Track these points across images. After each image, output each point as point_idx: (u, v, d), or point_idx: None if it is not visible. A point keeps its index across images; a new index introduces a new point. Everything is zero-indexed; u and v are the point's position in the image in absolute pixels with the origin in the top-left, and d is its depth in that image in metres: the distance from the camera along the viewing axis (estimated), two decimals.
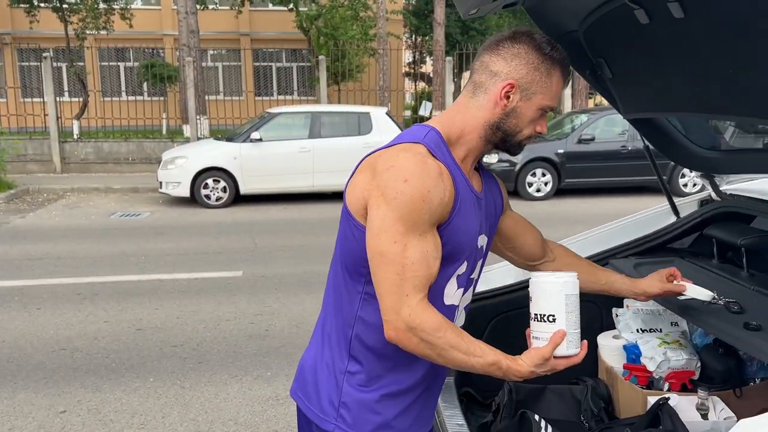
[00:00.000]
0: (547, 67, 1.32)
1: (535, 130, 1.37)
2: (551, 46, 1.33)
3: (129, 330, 4.63)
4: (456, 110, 1.36)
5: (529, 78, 1.32)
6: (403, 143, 1.27)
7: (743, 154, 2.06)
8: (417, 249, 1.19)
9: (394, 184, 1.19)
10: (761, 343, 1.46)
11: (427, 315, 1.19)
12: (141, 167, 13.62)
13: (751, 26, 1.31)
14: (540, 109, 1.34)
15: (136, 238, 7.78)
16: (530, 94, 1.32)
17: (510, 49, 1.33)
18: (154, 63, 18.31)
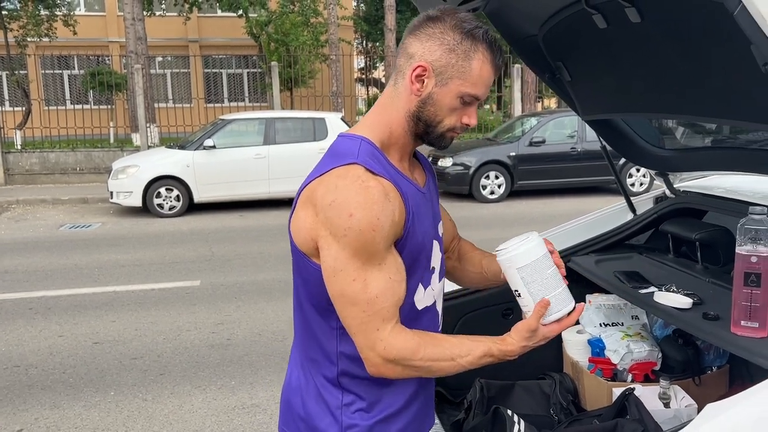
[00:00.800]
0: (466, 48, 1.18)
1: (461, 121, 1.23)
2: (473, 24, 1.19)
3: (86, 344, 4.51)
4: (381, 107, 1.25)
5: (444, 60, 1.18)
6: (338, 168, 1.16)
7: (694, 152, 2.16)
8: (379, 280, 1.13)
9: (340, 221, 1.11)
10: (719, 332, 1.54)
11: (401, 343, 1.14)
12: (90, 177, 13.26)
13: (703, 31, 1.38)
14: (460, 97, 1.20)
15: (88, 249, 7.57)
16: (446, 79, 1.19)
17: (427, 28, 1.20)
18: (100, 71, 17.86)
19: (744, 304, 1.47)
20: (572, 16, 1.70)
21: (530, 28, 1.91)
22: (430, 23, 1.20)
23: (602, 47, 1.75)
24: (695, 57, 1.49)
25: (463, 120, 1.24)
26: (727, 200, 2.07)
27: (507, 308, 2.21)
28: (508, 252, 1.24)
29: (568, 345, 2.16)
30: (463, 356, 1.18)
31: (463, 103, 1.21)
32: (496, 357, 1.20)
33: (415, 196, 1.23)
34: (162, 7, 20.20)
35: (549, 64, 2.04)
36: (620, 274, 1.99)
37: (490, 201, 10.70)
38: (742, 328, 1.47)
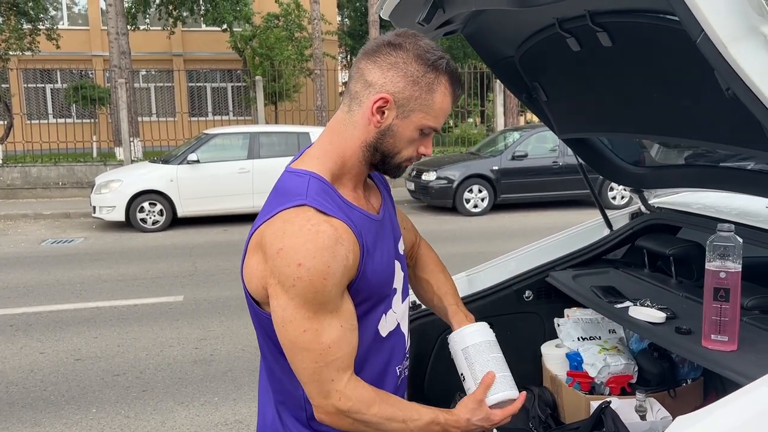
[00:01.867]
0: (429, 81, 1.15)
1: (417, 151, 1.21)
2: (436, 56, 1.16)
3: (67, 361, 4.48)
4: (333, 134, 1.20)
5: (407, 93, 1.14)
6: (286, 210, 1.10)
7: (668, 170, 2.22)
8: (332, 329, 1.10)
9: (288, 271, 1.06)
10: (691, 346, 1.58)
11: (357, 394, 1.13)
12: (72, 192, 13.17)
13: (670, 56, 1.43)
14: (420, 129, 1.18)
15: (70, 265, 7.52)
16: (407, 112, 1.16)
17: (388, 56, 1.15)
18: (83, 85, 17.79)
19: (714, 319, 1.51)
20: (547, 39, 1.75)
21: (507, 50, 1.96)
22: (391, 50, 1.15)
23: (576, 69, 1.81)
24: (664, 80, 1.55)
25: (420, 150, 1.22)
26: (699, 216, 2.12)
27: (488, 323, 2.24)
28: (457, 334, 1.31)
29: (547, 359, 2.20)
30: (414, 420, 1.18)
31: (422, 135, 1.20)
32: (441, 426, 1.20)
33: (371, 227, 1.20)
34: (146, 22, 20.20)
35: (526, 85, 2.09)
36: (597, 289, 2.03)
37: (474, 214, 10.77)
38: (712, 342, 1.52)
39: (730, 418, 1.19)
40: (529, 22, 1.76)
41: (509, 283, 2.27)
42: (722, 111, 1.38)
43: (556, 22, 1.63)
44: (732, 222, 1.53)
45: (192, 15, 19.74)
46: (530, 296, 2.28)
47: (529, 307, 2.30)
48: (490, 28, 1.89)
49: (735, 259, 1.49)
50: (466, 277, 2.35)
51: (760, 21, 1.07)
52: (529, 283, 2.28)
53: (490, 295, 2.25)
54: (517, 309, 2.28)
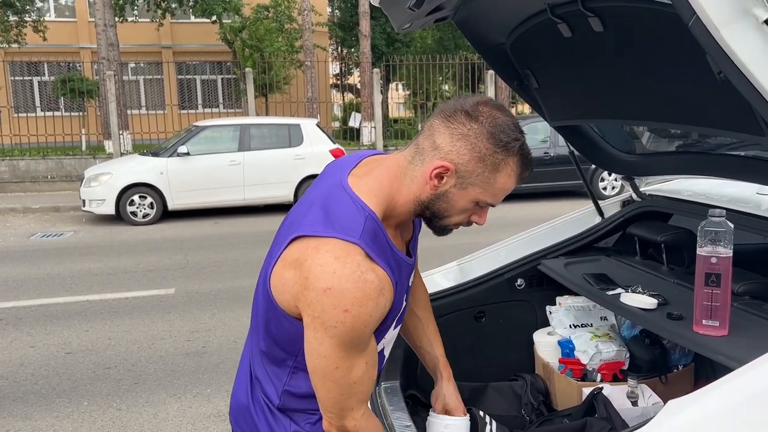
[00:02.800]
0: (496, 161, 1.14)
1: (469, 218, 1.23)
2: (510, 137, 1.14)
3: (58, 354, 4.45)
4: (392, 177, 1.19)
5: (470, 167, 1.14)
6: (337, 242, 1.09)
7: (659, 157, 2.22)
8: (361, 367, 1.14)
9: (333, 312, 1.06)
10: (683, 331, 1.58)
11: (370, 425, 1.21)
12: (61, 185, 13.08)
13: (662, 40, 1.43)
14: (474, 202, 1.18)
15: (60, 258, 7.47)
16: (467, 184, 1.15)
17: (461, 126, 1.14)
18: (71, 77, 17.63)
19: (705, 304, 1.51)
20: (538, 25, 1.74)
21: (498, 37, 1.95)
22: (465, 120, 1.14)
23: (568, 55, 1.80)
24: (656, 65, 1.54)
25: (473, 218, 1.23)
26: (690, 203, 2.12)
27: (479, 311, 2.24)
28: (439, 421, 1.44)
29: (539, 347, 2.20)
30: None
31: (476, 206, 1.20)
32: None
33: (403, 270, 1.23)
34: (134, 13, 20.02)
35: (517, 72, 2.08)
36: (588, 277, 2.04)
37: None
38: (703, 327, 1.52)
39: (721, 402, 1.20)
40: (520, 8, 1.75)
41: (501, 272, 2.27)
42: (714, 95, 1.38)
43: (548, 8, 1.62)
44: (723, 208, 1.53)
45: (181, 6, 19.57)
46: (522, 284, 2.29)
47: (521, 295, 2.30)
48: (481, 14, 1.88)
49: (726, 245, 1.49)
50: (457, 266, 2.35)
51: (752, 3, 1.07)
52: (521, 271, 2.28)
53: (482, 283, 2.25)
54: (509, 297, 2.28)
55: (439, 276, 2.32)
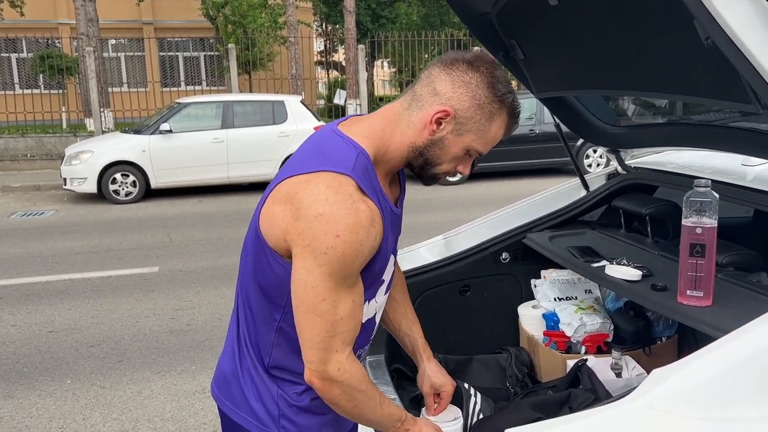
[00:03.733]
0: (492, 110, 1.20)
1: (456, 168, 1.26)
2: (506, 89, 1.21)
3: (40, 333, 4.41)
4: (386, 122, 1.22)
5: (469, 114, 1.19)
6: (330, 174, 1.11)
7: (644, 129, 2.21)
8: (346, 303, 1.13)
9: (324, 238, 1.06)
10: (667, 302, 1.59)
11: (354, 369, 1.17)
12: (42, 164, 12.89)
13: (649, 7, 1.41)
14: (467, 149, 1.23)
15: (41, 237, 7.38)
16: (463, 131, 1.20)
17: (463, 74, 1.19)
18: (50, 54, 17.27)
19: (690, 274, 1.51)
20: None
21: (484, 6, 1.91)
22: (467, 69, 1.19)
23: (554, 25, 1.77)
24: (643, 33, 1.52)
25: (459, 167, 1.27)
26: (675, 175, 2.12)
27: (464, 285, 2.24)
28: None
29: (524, 320, 2.21)
30: (387, 406, 1.24)
31: (466, 155, 1.25)
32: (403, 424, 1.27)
33: (390, 219, 1.23)
34: None
35: (503, 43, 2.05)
36: (573, 249, 2.03)
37: (451, 183, 10.76)
38: (687, 298, 1.52)
39: (704, 370, 1.20)
40: None
41: (486, 245, 2.26)
42: (701, 63, 1.36)
43: None
44: (707, 179, 1.52)
45: None
46: (507, 258, 2.28)
47: (507, 269, 2.30)
48: None
49: (711, 215, 1.49)
50: (443, 240, 2.34)
51: None
52: (506, 245, 2.28)
53: (467, 257, 2.24)
54: (494, 271, 2.28)
55: (425, 250, 2.31)
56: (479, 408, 1.64)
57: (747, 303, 1.49)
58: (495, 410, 1.68)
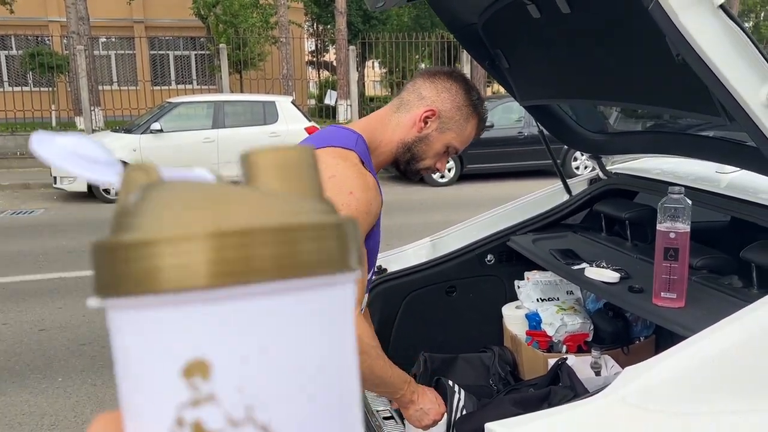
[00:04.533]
0: (468, 112, 1.42)
1: (435, 164, 1.45)
2: (478, 98, 1.45)
3: (31, 331, 4.43)
4: (378, 121, 1.41)
5: (451, 114, 1.41)
6: (337, 148, 1.27)
7: (625, 136, 2.28)
8: None
9: (339, 197, 1.17)
10: (642, 303, 1.66)
11: (365, 327, 1.27)
12: (32, 162, 12.82)
13: (625, 23, 1.48)
14: (447, 146, 1.43)
15: (31, 236, 7.38)
16: (445, 129, 1.41)
17: (444, 81, 1.42)
18: (40, 51, 17.20)
19: (664, 277, 1.59)
20: (509, 5, 1.78)
21: (470, 17, 1.98)
22: (447, 78, 1.42)
23: (537, 36, 1.84)
24: (621, 46, 1.59)
25: (437, 165, 1.46)
26: (653, 181, 2.20)
27: (450, 286, 2.30)
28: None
29: (508, 320, 2.27)
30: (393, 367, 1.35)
31: (446, 153, 1.43)
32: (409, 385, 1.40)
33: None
34: None
35: (489, 52, 2.12)
36: (555, 252, 2.11)
37: (440, 185, 10.83)
38: (662, 299, 1.60)
39: (675, 368, 1.27)
40: None
41: (472, 248, 2.33)
42: (674, 77, 1.44)
43: None
44: (683, 186, 1.60)
45: None
46: (492, 260, 2.35)
47: (491, 271, 2.36)
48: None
49: (684, 221, 1.56)
50: (430, 242, 2.40)
51: None
52: (491, 247, 2.35)
53: (453, 259, 2.30)
54: (479, 272, 2.34)
55: (412, 252, 2.37)
56: (463, 404, 1.71)
57: (718, 305, 1.56)
58: (478, 406, 1.75)
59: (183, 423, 0.25)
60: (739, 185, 1.87)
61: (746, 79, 1.19)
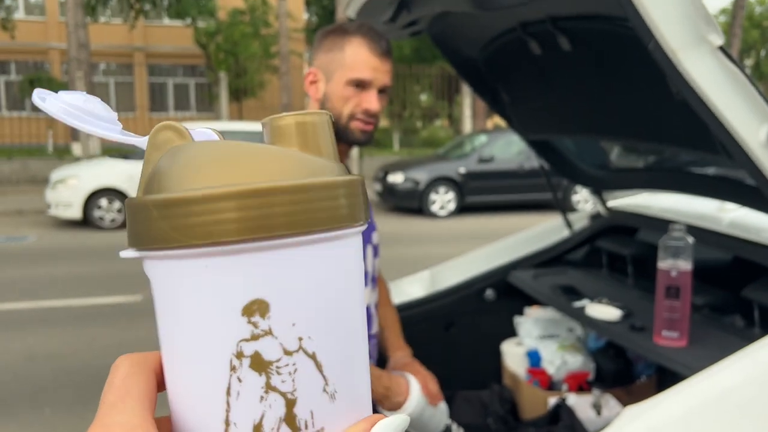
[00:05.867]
0: (340, 44, 1.33)
1: (359, 106, 1.33)
2: (348, 24, 1.36)
3: (18, 360, 4.36)
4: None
5: (326, 60, 1.34)
6: None
7: (626, 172, 2.28)
8: None
9: None
10: (644, 342, 1.63)
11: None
12: (26, 188, 12.81)
13: (625, 60, 1.48)
14: (347, 83, 1.32)
15: (23, 263, 7.31)
16: (331, 74, 1.33)
17: (316, 43, 1.39)
18: (39, 77, 17.31)
19: (665, 316, 1.56)
20: (510, 41, 1.79)
21: (471, 52, 1.99)
22: (318, 37, 1.38)
23: (538, 72, 1.85)
24: (621, 83, 1.59)
25: (362, 105, 1.33)
26: (654, 219, 2.18)
27: (449, 321, 2.27)
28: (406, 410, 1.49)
29: (508, 357, 2.24)
30: None
31: (357, 89, 1.32)
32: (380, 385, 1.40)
33: None
34: (107, 12, 19.75)
35: (489, 86, 2.12)
36: (556, 288, 2.08)
37: (440, 217, 10.82)
38: (663, 339, 1.57)
39: (675, 408, 1.24)
40: (492, 24, 1.79)
41: (471, 283, 2.30)
42: (674, 114, 1.43)
43: (518, 26, 1.66)
44: (685, 223, 1.58)
45: (155, 8, 19.37)
46: (492, 295, 2.32)
47: (491, 306, 2.33)
48: (455, 29, 1.91)
49: (686, 259, 1.54)
50: (429, 276, 2.37)
51: (706, 30, 1.12)
52: (491, 282, 2.32)
53: (452, 294, 2.28)
54: (478, 308, 2.31)
55: (411, 284, 2.34)
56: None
57: (721, 344, 1.54)
58: None
59: (242, 355, 0.30)
60: (741, 224, 1.85)
61: (745, 119, 1.18)
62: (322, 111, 0.34)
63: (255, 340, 0.30)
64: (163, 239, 0.30)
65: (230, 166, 0.30)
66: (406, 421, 0.32)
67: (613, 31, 1.42)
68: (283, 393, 0.30)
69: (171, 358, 0.33)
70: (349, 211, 0.31)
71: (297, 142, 0.33)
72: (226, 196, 0.29)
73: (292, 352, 0.30)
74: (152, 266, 0.32)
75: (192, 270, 0.30)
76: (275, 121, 0.34)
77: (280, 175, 0.30)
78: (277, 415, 0.30)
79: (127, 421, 0.30)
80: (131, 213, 0.31)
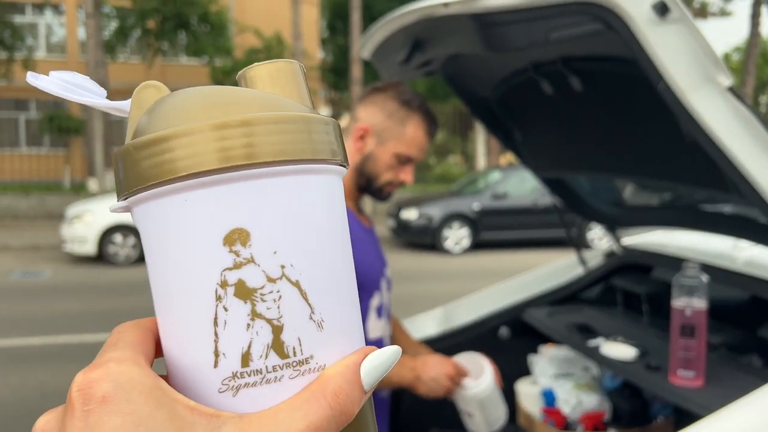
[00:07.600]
0: (402, 116, 1.40)
1: (397, 177, 1.42)
2: (410, 96, 1.42)
3: (32, 396, 4.36)
4: None
5: (384, 125, 1.39)
6: None
7: (640, 210, 2.28)
8: None
9: None
10: (659, 381, 1.61)
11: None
12: (42, 223, 12.97)
13: (636, 101, 1.50)
14: (396, 156, 1.40)
15: (38, 298, 7.36)
16: (384, 140, 1.39)
17: (372, 97, 1.43)
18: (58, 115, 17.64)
19: (680, 355, 1.55)
20: (522, 81, 1.82)
21: (484, 91, 2.02)
22: (374, 93, 1.42)
23: (550, 111, 1.87)
24: (633, 122, 1.61)
25: (400, 176, 1.42)
26: (668, 257, 2.18)
27: None
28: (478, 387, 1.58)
29: (522, 396, 2.21)
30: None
31: (399, 162, 1.40)
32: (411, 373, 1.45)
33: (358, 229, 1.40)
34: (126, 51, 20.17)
35: (502, 125, 2.15)
36: (571, 326, 2.07)
37: (454, 254, 10.77)
38: (679, 378, 1.55)
39: None
40: (504, 65, 1.82)
41: (485, 321, 2.29)
42: (685, 153, 1.44)
43: (530, 66, 1.69)
44: (699, 261, 1.58)
45: (173, 47, 19.78)
46: (506, 333, 2.31)
47: (505, 345, 2.32)
48: (468, 69, 1.95)
49: (700, 297, 1.53)
50: (442, 313, 2.37)
51: (715, 71, 1.14)
52: (505, 320, 2.31)
53: (465, 331, 2.27)
54: (492, 346, 2.30)
55: (424, 322, 2.34)
56: None
57: (737, 384, 1.52)
58: None
59: (227, 284, 0.30)
60: (757, 262, 1.84)
61: (755, 158, 1.20)
62: (292, 60, 0.35)
63: (238, 268, 0.30)
64: (144, 178, 0.30)
65: (208, 105, 0.31)
66: (396, 353, 0.33)
67: (624, 72, 1.44)
68: (269, 320, 0.31)
69: (161, 300, 0.34)
70: (324, 147, 0.32)
71: (271, 88, 0.34)
72: (201, 129, 0.29)
73: (275, 279, 0.31)
74: (138, 213, 0.32)
75: (173, 207, 0.30)
76: (248, 71, 0.35)
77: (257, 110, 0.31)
78: (265, 341, 0.31)
79: (120, 355, 0.32)
80: (116, 163, 0.32)
